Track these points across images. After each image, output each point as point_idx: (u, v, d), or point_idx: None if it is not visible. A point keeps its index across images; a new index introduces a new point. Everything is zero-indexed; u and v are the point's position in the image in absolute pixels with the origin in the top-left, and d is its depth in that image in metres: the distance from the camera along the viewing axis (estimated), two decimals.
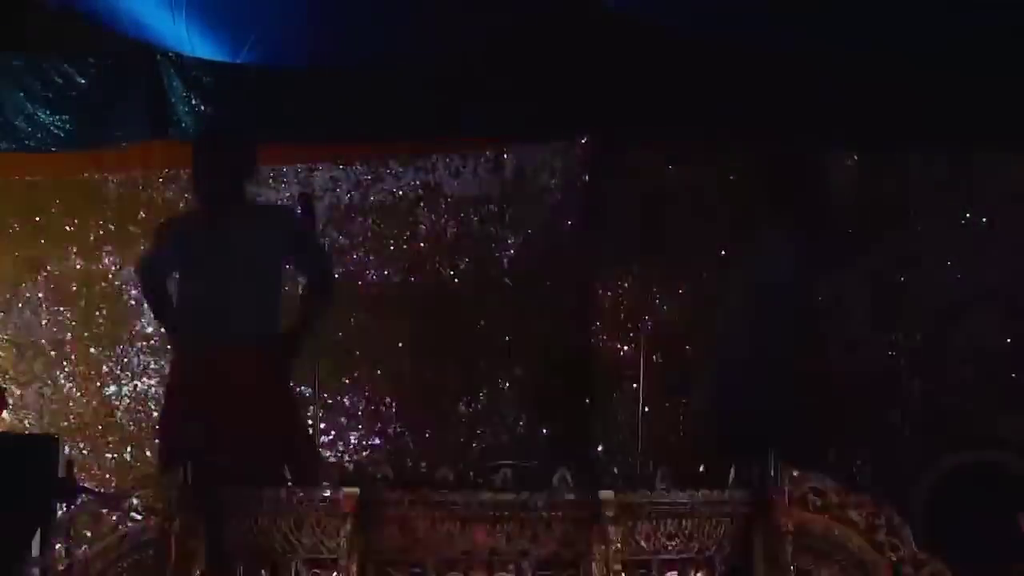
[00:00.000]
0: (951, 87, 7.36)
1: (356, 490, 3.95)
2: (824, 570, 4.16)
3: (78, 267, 8.13)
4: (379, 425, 8.04)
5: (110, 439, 8.01)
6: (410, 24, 7.53)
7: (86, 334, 8.09)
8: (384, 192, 8.19)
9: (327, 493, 4.02)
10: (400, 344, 8.06)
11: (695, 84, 7.52)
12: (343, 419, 8.01)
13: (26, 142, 7.84)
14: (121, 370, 8.07)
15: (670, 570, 4.06)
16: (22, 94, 7.78)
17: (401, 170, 8.18)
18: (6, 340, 8.10)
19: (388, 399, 8.04)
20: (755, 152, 7.63)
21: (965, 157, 7.83)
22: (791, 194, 7.16)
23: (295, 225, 6.54)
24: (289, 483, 4.12)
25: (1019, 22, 7.06)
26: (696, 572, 4.10)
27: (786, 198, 7.15)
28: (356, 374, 8.04)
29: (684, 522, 4.06)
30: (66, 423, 7.93)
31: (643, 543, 4.01)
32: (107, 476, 7.88)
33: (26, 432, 7.77)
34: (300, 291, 6.53)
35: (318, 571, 4.02)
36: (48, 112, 7.81)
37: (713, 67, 7.49)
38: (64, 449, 6.89)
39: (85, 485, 6.81)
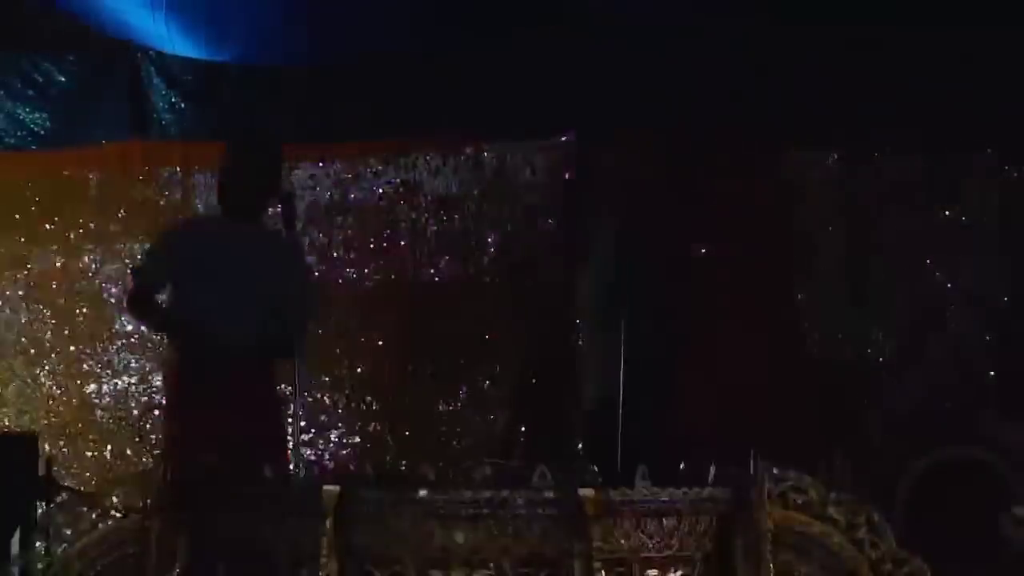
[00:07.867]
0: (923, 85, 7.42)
1: (336, 488, 3.95)
2: (804, 568, 4.16)
3: (58, 265, 8.10)
4: (359, 423, 8.03)
5: (90, 437, 7.99)
6: (389, 23, 7.53)
7: (66, 332, 8.06)
8: (364, 190, 8.18)
9: (307, 491, 4.02)
10: (380, 342, 8.05)
11: (676, 81, 7.53)
12: (323, 417, 8.00)
13: (6, 140, 7.83)
14: (101, 368, 8.04)
15: (650, 568, 4.06)
16: (2, 92, 7.78)
17: (381, 168, 8.17)
18: None
19: (368, 397, 8.04)
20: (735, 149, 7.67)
21: (944, 155, 7.86)
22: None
23: (296, 265, 6.35)
24: (269, 482, 4.12)
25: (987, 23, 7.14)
26: (676, 570, 4.10)
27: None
28: (336, 372, 8.03)
29: (664, 520, 4.05)
30: (46, 421, 7.91)
31: (623, 541, 4.01)
32: (87, 474, 7.85)
33: (5, 430, 7.76)
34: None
35: (298, 569, 4.02)
36: (28, 110, 7.80)
37: (694, 64, 7.51)
38: (44, 447, 6.88)
39: (65, 483, 6.80)
